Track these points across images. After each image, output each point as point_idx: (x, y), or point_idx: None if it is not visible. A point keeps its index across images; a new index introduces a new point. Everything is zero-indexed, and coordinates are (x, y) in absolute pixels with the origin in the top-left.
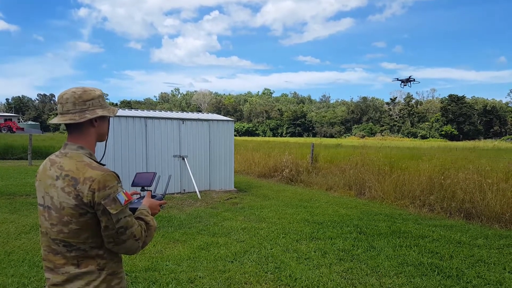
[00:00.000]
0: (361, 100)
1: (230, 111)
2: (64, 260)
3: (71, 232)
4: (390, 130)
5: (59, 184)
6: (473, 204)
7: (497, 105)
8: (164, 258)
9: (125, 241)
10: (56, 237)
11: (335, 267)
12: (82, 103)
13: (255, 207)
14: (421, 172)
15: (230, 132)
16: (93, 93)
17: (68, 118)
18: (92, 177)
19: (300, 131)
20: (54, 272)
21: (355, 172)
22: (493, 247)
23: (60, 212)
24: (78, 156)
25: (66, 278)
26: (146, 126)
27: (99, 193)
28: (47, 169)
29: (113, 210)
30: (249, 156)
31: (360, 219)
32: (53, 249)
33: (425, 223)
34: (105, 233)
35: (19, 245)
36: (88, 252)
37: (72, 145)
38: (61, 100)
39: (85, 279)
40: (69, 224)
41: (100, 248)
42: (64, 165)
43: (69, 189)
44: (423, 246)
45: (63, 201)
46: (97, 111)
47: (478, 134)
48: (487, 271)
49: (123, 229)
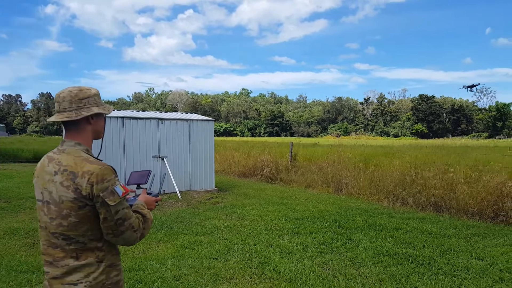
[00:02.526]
0: (336, 100)
1: (207, 111)
2: (63, 253)
3: (70, 225)
4: (364, 129)
5: (58, 179)
6: (443, 198)
7: (464, 104)
8: (147, 258)
9: (124, 232)
10: (56, 230)
11: (316, 260)
12: (78, 101)
13: (237, 205)
14: (394, 169)
15: (210, 132)
16: (88, 91)
17: (65, 116)
18: (90, 170)
19: (278, 130)
20: (54, 265)
21: (333, 169)
22: (461, 236)
23: (59, 206)
24: (76, 152)
25: (65, 271)
26: (123, 126)
27: (97, 186)
28: (45, 166)
29: (112, 202)
30: (228, 156)
31: (339, 214)
32: (52, 243)
33: (399, 216)
34: (104, 225)
35: None
36: (87, 245)
37: (70, 141)
38: (58, 99)
39: (84, 271)
40: (68, 217)
41: (99, 240)
42: (62, 160)
43: (68, 183)
44: (397, 238)
45: (62, 195)
46: (93, 108)
47: (447, 132)
48: (456, 258)
49: (122, 220)
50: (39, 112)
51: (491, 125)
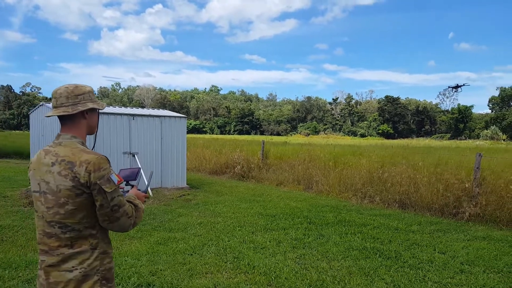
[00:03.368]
0: (306, 100)
1: (176, 107)
2: (58, 242)
3: (67, 213)
4: (332, 128)
5: (55, 169)
6: (408, 196)
7: (428, 106)
8: (122, 254)
9: (119, 218)
10: (52, 219)
11: (289, 254)
12: (74, 97)
13: (209, 203)
14: (362, 167)
15: (183, 129)
16: (84, 88)
17: (61, 111)
18: (87, 160)
19: (247, 129)
20: (49, 254)
21: (303, 168)
22: (425, 232)
23: (57, 194)
24: (72, 144)
25: (61, 258)
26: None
27: (94, 174)
28: (42, 158)
29: (108, 189)
30: (199, 153)
31: (309, 211)
32: (47, 232)
33: (367, 213)
34: (100, 212)
35: None
36: (82, 232)
37: (66, 135)
38: (55, 95)
39: (79, 258)
40: (66, 205)
41: (93, 228)
42: (59, 152)
43: (66, 172)
44: (365, 233)
45: (60, 184)
46: (88, 104)
47: (411, 132)
48: (421, 252)
49: (117, 207)
50: None
51: (453, 126)
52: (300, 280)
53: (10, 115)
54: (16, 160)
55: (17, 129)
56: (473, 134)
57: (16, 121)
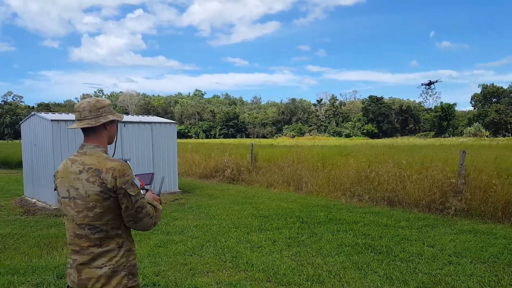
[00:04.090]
0: (290, 102)
1: (160, 112)
2: (88, 242)
3: (96, 216)
4: (317, 129)
5: (83, 177)
6: (395, 193)
7: (411, 105)
8: None
9: (142, 218)
10: (82, 221)
11: (285, 252)
12: (96, 110)
13: (203, 206)
14: (350, 167)
15: (173, 135)
16: (104, 102)
17: (86, 123)
18: (113, 167)
19: (233, 132)
20: (80, 253)
21: (292, 169)
22: (413, 227)
23: (86, 199)
24: (97, 153)
25: (91, 257)
26: None
27: (120, 179)
28: (69, 167)
29: (132, 192)
30: (189, 158)
31: (301, 211)
32: (78, 234)
33: (356, 211)
34: (125, 213)
35: None
36: (109, 233)
37: (89, 145)
38: (79, 109)
39: (107, 256)
40: (94, 209)
41: (119, 228)
42: (86, 161)
43: (94, 178)
44: (356, 230)
45: (89, 190)
46: (108, 116)
47: (396, 132)
48: (410, 246)
49: (140, 208)
50: None
51: (437, 124)
52: (297, 276)
53: None
54: (4, 170)
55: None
56: (456, 132)
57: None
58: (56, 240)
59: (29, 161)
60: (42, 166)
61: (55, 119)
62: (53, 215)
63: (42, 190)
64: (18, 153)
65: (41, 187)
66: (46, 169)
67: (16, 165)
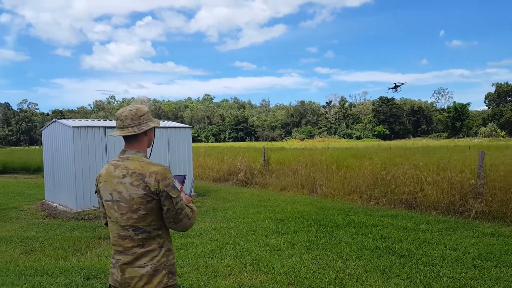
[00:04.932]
0: (299, 104)
1: (170, 117)
2: (132, 243)
3: (139, 217)
4: (327, 132)
5: (127, 181)
6: (413, 196)
7: (423, 105)
8: None
9: (182, 219)
10: (126, 223)
11: (305, 256)
12: (138, 118)
13: (219, 209)
14: (365, 169)
15: (188, 139)
16: (144, 109)
17: (129, 131)
18: (155, 171)
19: (242, 135)
20: (124, 253)
21: (306, 172)
22: (434, 230)
23: (130, 202)
24: (139, 158)
25: (134, 257)
26: (105, 135)
27: (162, 182)
28: (112, 171)
29: (174, 195)
30: (202, 162)
31: (317, 214)
32: (122, 235)
33: (374, 214)
34: (167, 215)
35: None
36: (151, 233)
37: (131, 150)
38: (121, 117)
39: (149, 256)
40: (138, 211)
41: (160, 229)
42: (129, 165)
43: (138, 182)
44: (376, 233)
45: (133, 193)
46: (149, 123)
47: (408, 133)
48: (432, 250)
49: (180, 210)
50: None
51: (450, 125)
52: (319, 279)
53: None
54: (23, 175)
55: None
56: (470, 132)
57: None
58: (79, 243)
59: (50, 166)
60: (63, 171)
61: (76, 125)
62: (74, 218)
63: (62, 194)
64: (36, 158)
65: (62, 191)
66: (67, 173)
67: (35, 170)
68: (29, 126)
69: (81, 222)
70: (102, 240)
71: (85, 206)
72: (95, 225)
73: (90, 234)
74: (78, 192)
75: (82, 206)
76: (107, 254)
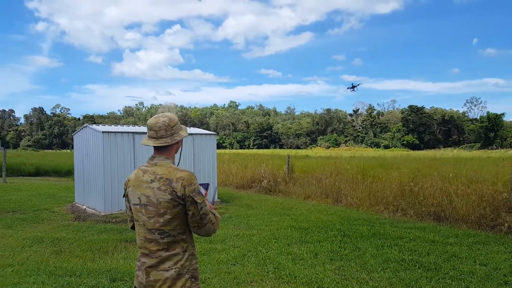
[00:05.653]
0: (325, 112)
1: (196, 124)
2: (157, 246)
3: (165, 221)
4: (354, 140)
5: (155, 185)
6: (442, 208)
7: (454, 114)
8: None
9: (206, 224)
10: (153, 227)
11: (328, 266)
12: (170, 129)
13: (242, 216)
14: (392, 180)
15: (213, 146)
16: (175, 119)
17: (163, 142)
18: (182, 176)
19: (267, 143)
20: (149, 256)
21: (331, 181)
22: (463, 244)
23: (157, 206)
24: (167, 164)
25: (159, 260)
26: (134, 141)
27: (188, 188)
28: (141, 176)
29: (199, 200)
30: (226, 168)
31: (342, 224)
32: (148, 238)
33: (401, 226)
34: (192, 220)
35: (27, 256)
36: (176, 238)
37: (160, 157)
38: (155, 128)
39: (173, 259)
40: (164, 215)
41: (184, 233)
42: (157, 171)
43: (165, 187)
44: (402, 246)
45: (160, 197)
46: (180, 133)
47: (438, 143)
48: (461, 264)
49: (204, 215)
50: (32, 126)
51: (483, 135)
52: None
53: (42, 135)
54: (55, 178)
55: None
56: (505, 143)
57: (48, 141)
58: (107, 245)
59: (81, 170)
60: (93, 174)
61: (106, 131)
62: (103, 221)
63: (92, 197)
64: (67, 162)
65: (91, 195)
66: (96, 177)
67: (66, 173)
68: (61, 130)
69: (108, 225)
70: (129, 243)
71: (112, 209)
72: (122, 228)
73: (117, 237)
74: (106, 196)
75: (110, 209)
76: (133, 257)
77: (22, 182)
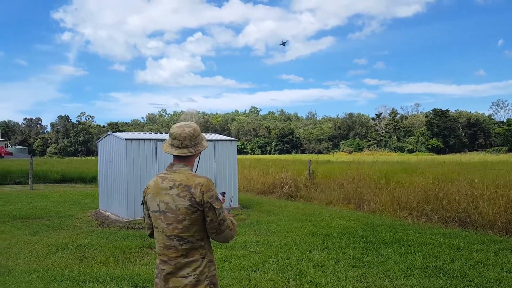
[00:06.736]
0: (347, 116)
1: (218, 130)
2: (176, 253)
3: (184, 228)
4: (377, 145)
5: (174, 192)
6: (467, 213)
7: (480, 118)
8: None
9: (224, 230)
10: (172, 233)
11: (350, 273)
12: (194, 139)
13: (263, 222)
14: (416, 185)
15: (234, 152)
16: (197, 129)
17: (187, 151)
18: (200, 182)
19: (288, 148)
20: (168, 263)
21: (353, 186)
22: (489, 251)
23: (176, 212)
24: (185, 171)
25: (178, 267)
26: (156, 148)
27: (207, 194)
28: (160, 183)
29: (217, 206)
30: (247, 174)
31: (364, 230)
32: (167, 245)
33: (425, 232)
34: (210, 226)
35: (52, 262)
36: (195, 244)
37: (179, 164)
38: (180, 138)
39: (192, 266)
40: (183, 221)
41: (202, 240)
42: (176, 178)
43: (184, 193)
44: (426, 252)
45: (179, 204)
46: (203, 143)
47: (464, 147)
48: (487, 271)
49: (222, 221)
50: (58, 134)
51: (510, 139)
52: None
53: (68, 143)
54: (79, 184)
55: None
56: None
57: (73, 148)
58: (129, 251)
59: (104, 177)
60: (116, 181)
61: (129, 138)
62: (125, 227)
63: (115, 203)
64: (91, 169)
65: (114, 201)
66: (119, 184)
67: (90, 180)
68: (86, 137)
69: (131, 231)
70: (151, 249)
71: (135, 216)
72: (144, 234)
73: (139, 243)
74: (129, 202)
75: (133, 216)
76: (154, 263)
77: (48, 189)
